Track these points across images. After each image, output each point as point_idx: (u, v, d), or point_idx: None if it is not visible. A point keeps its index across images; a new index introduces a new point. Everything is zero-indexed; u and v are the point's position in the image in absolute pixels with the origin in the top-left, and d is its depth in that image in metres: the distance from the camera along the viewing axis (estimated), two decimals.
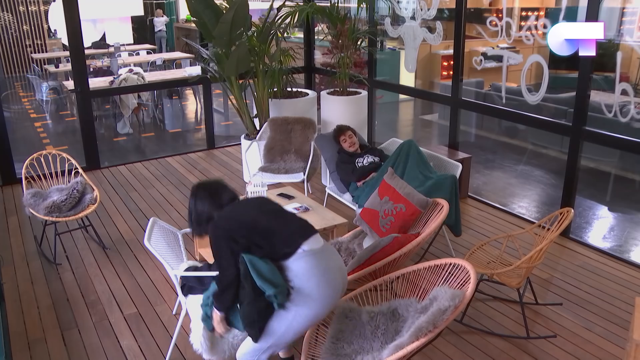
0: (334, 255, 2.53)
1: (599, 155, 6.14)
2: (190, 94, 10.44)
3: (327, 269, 2.42)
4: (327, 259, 2.45)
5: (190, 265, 3.17)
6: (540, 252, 3.16)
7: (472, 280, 2.39)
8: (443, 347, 3.25)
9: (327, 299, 2.41)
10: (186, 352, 3.22)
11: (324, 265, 2.41)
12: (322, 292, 2.38)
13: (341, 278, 2.49)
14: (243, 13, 5.18)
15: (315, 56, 7.41)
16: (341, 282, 2.48)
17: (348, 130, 4.74)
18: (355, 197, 4.40)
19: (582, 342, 3.31)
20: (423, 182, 4.05)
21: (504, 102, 4.97)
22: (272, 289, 2.32)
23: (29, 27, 13.12)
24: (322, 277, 2.39)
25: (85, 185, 4.44)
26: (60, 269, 4.22)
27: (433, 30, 5.40)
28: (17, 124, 8.91)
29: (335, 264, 2.49)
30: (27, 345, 3.35)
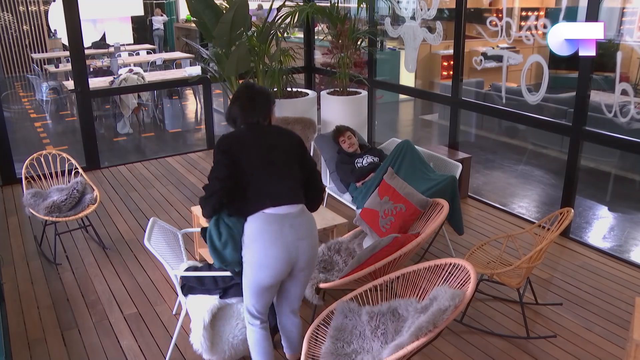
0: (300, 227, 2.50)
1: (599, 155, 6.14)
2: (190, 94, 10.44)
3: (279, 237, 2.44)
4: (285, 226, 2.45)
5: (190, 265, 3.17)
6: (540, 252, 3.16)
7: (472, 280, 2.39)
8: (443, 347, 3.26)
9: (269, 268, 2.46)
10: (186, 352, 3.22)
11: (277, 232, 2.44)
12: (263, 258, 2.46)
13: (293, 251, 2.48)
14: (243, 13, 5.19)
15: (315, 56, 7.41)
16: (288, 253, 2.47)
17: (347, 131, 4.73)
18: (354, 197, 4.40)
19: (582, 342, 3.31)
20: (422, 182, 4.04)
21: (504, 102, 4.97)
22: (218, 263, 2.56)
23: (29, 27, 13.12)
24: (269, 242, 2.44)
25: (85, 185, 4.44)
26: (60, 269, 4.22)
27: (433, 30, 5.40)
28: (17, 124, 8.91)
29: (295, 234, 2.47)
30: (27, 345, 3.35)
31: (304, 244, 2.51)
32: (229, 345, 2.93)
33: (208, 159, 6.69)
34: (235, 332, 2.94)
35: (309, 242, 2.54)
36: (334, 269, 3.38)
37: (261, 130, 2.63)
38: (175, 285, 3.13)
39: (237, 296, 3.00)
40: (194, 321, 2.93)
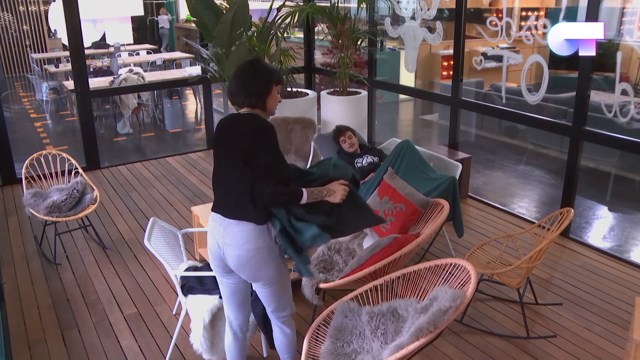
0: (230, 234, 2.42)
1: (599, 155, 6.14)
2: (190, 94, 10.44)
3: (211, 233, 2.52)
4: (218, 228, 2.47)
5: (190, 265, 3.17)
6: (540, 252, 3.16)
7: (473, 280, 2.38)
8: (443, 347, 3.26)
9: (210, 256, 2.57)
10: (186, 352, 3.22)
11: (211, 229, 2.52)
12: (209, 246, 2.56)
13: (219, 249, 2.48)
14: (243, 13, 5.19)
15: (315, 56, 7.41)
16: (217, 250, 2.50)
17: (347, 131, 4.74)
18: None
19: (582, 342, 3.31)
20: (423, 182, 4.04)
21: (504, 102, 4.97)
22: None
23: (29, 27, 13.11)
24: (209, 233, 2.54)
25: (85, 185, 4.44)
26: (60, 269, 4.22)
27: (433, 30, 5.40)
28: (17, 124, 8.91)
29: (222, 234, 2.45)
30: (27, 345, 3.35)
31: (229, 249, 2.44)
32: None
33: (208, 158, 6.69)
34: None
35: (234, 251, 2.42)
36: (334, 269, 3.38)
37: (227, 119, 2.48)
38: (175, 285, 3.13)
39: None
40: (194, 321, 2.93)
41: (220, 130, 2.49)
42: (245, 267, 2.44)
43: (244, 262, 2.43)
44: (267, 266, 2.46)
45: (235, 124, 2.43)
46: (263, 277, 2.48)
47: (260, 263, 2.44)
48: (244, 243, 2.40)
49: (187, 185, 5.82)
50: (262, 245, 2.41)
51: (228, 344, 2.77)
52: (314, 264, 3.36)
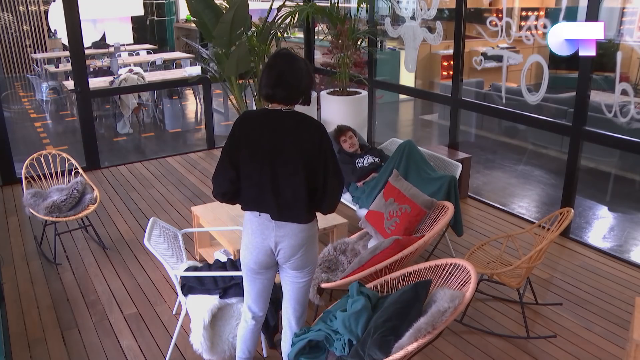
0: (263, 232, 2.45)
1: (599, 155, 6.14)
2: (190, 94, 10.44)
3: (259, 232, 2.45)
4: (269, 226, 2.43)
5: (190, 265, 3.17)
6: (540, 252, 3.16)
7: (473, 280, 2.39)
8: (443, 347, 3.26)
9: (252, 253, 2.50)
10: (186, 352, 3.22)
11: (261, 229, 2.45)
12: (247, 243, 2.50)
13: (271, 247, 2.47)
14: (243, 13, 5.19)
15: (315, 56, 7.41)
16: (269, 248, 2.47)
17: (348, 130, 4.74)
18: (355, 197, 4.40)
19: (582, 342, 3.31)
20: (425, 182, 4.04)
21: (504, 102, 4.96)
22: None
23: (29, 27, 13.11)
24: (251, 234, 2.47)
25: (85, 185, 4.44)
26: (60, 269, 4.22)
27: (433, 30, 5.40)
28: (17, 124, 8.91)
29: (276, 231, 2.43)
30: (27, 345, 3.35)
31: (285, 240, 2.45)
32: (229, 345, 2.93)
33: (208, 158, 6.69)
34: (235, 332, 2.94)
35: (290, 241, 2.44)
36: (338, 269, 3.38)
37: (272, 116, 2.35)
38: (175, 285, 3.13)
39: (237, 296, 3.00)
40: (194, 321, 2.93)
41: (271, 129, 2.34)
42: (298, 254, 2.48)
43: (296, 250, 2.47)
44: (314, 252, 2.56)
45: (301, 125, 2.33)
46: (310, 262, 2.55)
47: (312, 248, 2.52)
48: (299, 232, 2.44)
49: (187, 185, 5.82)
50: (314, 232, 2.52)
51: (244, 334, 2.77)
52: (318, 263, 3.36)
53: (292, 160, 2.32)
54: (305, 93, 2.37)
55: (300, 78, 2.32)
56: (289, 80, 2.31)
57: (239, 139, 2.37)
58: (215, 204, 4.30)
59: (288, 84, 2.31)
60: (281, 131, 2.34)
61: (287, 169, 2.34)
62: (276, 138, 2.34)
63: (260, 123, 2.37)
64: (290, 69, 2.31)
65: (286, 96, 2.32)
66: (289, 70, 2.31)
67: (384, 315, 2.35)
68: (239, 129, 2.38)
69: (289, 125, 2.34)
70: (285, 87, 2.31)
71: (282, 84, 2.31)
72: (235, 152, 2.39)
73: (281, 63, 2.34)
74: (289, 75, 2.31)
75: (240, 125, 2.38)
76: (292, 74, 2.31)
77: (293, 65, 2.32)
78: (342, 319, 2.45)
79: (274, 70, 2.32)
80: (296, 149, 2.32)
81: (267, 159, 2.35)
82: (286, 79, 2.31)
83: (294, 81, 2.31)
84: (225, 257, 3.73)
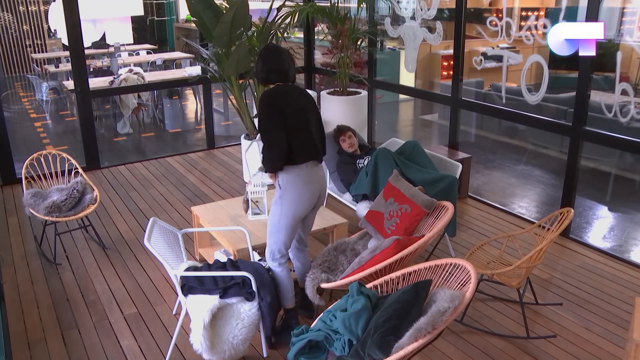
0: (320, 169, 3.20)
1: (599, 155, 6.14)
2: (190, 94, 10.44)
3: (309, 180, 3.10)
4: (314, 173, 3.14)
5: (190, 265, 3.17)
6: (540, 252, 3.16)
7: (473, 280, 2.39)
8: (443, 347, 3.26)
9: (304, 199, 3.12)
10: (186, 352, 3.22)
11: (310, 177, 3.10)
12: (301, 194, 3.09)
13: (319, 187, 3.19)
14: (243, 13, 5.18)
15: (315, 56, 7.41)
16: (318, 189, 3.18)
17: (348, 130, 4.73)
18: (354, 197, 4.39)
19: (582, 342, 3.31)
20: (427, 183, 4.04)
21: (504, 102, 4.97)
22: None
23: (29, 27, 13.11)
24: (304, 185, 3.09)
25: (85, 185, 4.44)
26: (60, 269, 4.22)
27: (433, 30, 5.40)
28: (17, 124, 8.91)
29: (318, 176, 3.18)
30: (27, 345, 3.35)
31: (324, 181, 3.26)
32: (229, 345, 2.93)
33: (208, 158, 6.70)
34: (235, 332, 2.95)
35: (325, 180, 3.31)
36: (338, 269, 3.38)
37: (296, 89, 3.12)
38: (175, 285, 3.13)
39: (237, 296, 3.00)
40: (194, 321, 2.93)
41: (300, 101, 3.09)
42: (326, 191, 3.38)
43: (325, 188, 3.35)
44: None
45: (304, 93, 3.18)
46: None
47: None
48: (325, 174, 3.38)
49: (187, 185, 5.82)
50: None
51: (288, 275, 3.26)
52: (318, 263, 3.36)
53: (313, 113, 3.17)
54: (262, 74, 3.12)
55: (292, 63, 3.14)
56: (286, 68, 3.08)
57: (280, 108, 2.98)
58: (215, 204, 4.30)
59: (294, 64, 3.13)
60: (298, 96, 3.12)
61: (313, 119, 3.15)
62: (300, 101, 3.11)
63: (286, 94, 3.05)
64: (286, 58, 3.09)
65: (287, 78, 3.10)
66: (289, 55, 3.12)
67: (384, 315, 2.35)
68: (276, 102, 2.99)
69: (300, 92, 3.16)
70: (293, 67, 3.12)
71: (292, 65, 3.11)
72: (281, 119, 2.97)
73: (283, 51, 3.11)
74: (286, 63, 3.09)
75: (276, 99, 3.01)
76: (287, 61, 3.09)
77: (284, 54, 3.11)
78: (342, 319, 2.45)
79: (282, 55, 3.08)
80: (309, 105, 3.16)
81: (302, 115, 3.08)
82: (292, 61, 3.12)
83: (289, 68, 3.10)
84: (225, 257, 3.73)
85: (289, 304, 3.31)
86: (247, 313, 2.99)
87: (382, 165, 4.20)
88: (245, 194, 4.03)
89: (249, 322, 2.98)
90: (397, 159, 4.26)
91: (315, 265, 3.34)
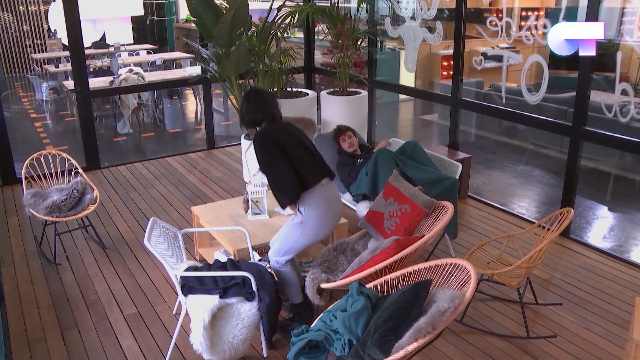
0: (334, 188, 3.27)
1: (599, 155, 6.14)
2: (190, 94, 10.44)
3: (331, 200, 3.19)
4: (332, 191, 3.22)
5: (190, 265, 3.17)
6: (540, 252, 3.16)
7: (473, 280, 2.39)
8: (443, 347, 3.26)
9: (327, 224, 3.20)
10: (186, 352, 3.22)
11: (330, 196, 3.19)
12: (324, 218, 3.17)
13: (338, 206, 3.27)
14: (243, 13, 5.19)
15: (315, 56, 7.41)
16: (338, 210, 3.27)
17: (347, 130, 4.73)
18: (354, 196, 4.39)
19: (582, 342, 3.31)
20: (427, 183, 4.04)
21: (504, 102, 4.97)
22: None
23: (29, 27, 13.11)
24: (326, 205, 3.16)
25: (85, 185, 4.44)
26: (60, 269, 4.22)
27: (433, 30, 5.40)
28: (17, 124, 8.91)
29: (335, 194, 3.26)
30: (27, 345, 3.35)
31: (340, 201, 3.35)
32: (229, 345, 2.93)
33: (208, 158, 6.70)
34: (235, 332, 2.95)
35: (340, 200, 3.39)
36: (338, 269, 3.37)
37: (284, 123, 3.27)
38: (175, 285, 3.13)
39: (237, 296, 3.00)
40: (194, 321, 2.93)
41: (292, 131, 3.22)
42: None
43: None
44: None
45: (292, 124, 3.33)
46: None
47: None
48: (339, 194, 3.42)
49: (187, 185, 5.82)
50: None
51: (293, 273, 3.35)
52: (318, 263, 3.36)
53: (307, 139, 3.27)
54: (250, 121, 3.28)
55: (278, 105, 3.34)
56: (275, 110, 3.26)
57: (276, 139, 3.09)
58: (215, 204, 4.30)
59: (278, 105, 3.30)
60: (288, 126, 3.28)
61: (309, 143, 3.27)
62: (291, 129, 3.25)
63: (282, 129, 3.21)
64: (274, 101, 3.28)
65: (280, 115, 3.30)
66: (272, 97, 3.32)
67: (384, 315, 2.35)
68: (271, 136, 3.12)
69: (288, 124, 3.31)
70: (278, 108, 3.29)
71: (277, 106, 3.29)
72: (280, 150, 3.07)
73: (266, 93, 3.32)
74: (275, 106, 3.28)
75: (270, 134, 3.14)
76: (275, 104, 3.28)
77: (272, 98, 3.31)
78: (342, 319, 2.45)
79: (265, 97, 3.26)
80: (301, 132, 3.28)
81: (298, 140, 3.19)
82: (276, 102, 3.30)
83: (277, 111, 3.29)
84: (225, 257, 3.73)
85: (298, 299, 3.37)
86: (247, 313, 2.99)
87: (382, 165, 4.20)
88: (245, 194, 4.03)
89: (249, 322, 2.98)
90: (397, 158, 4.26)
91: (315, 265, 3.33)
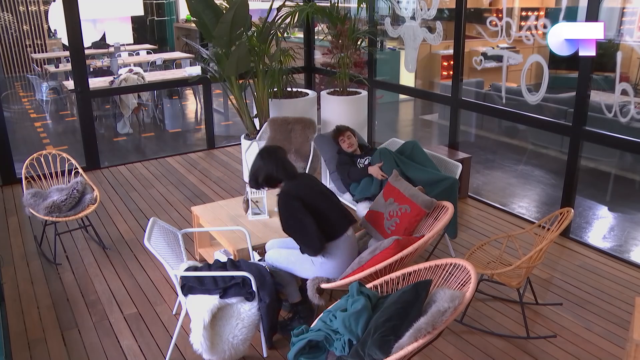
0: (354, 236, 3.37)
1: (599, 155, 6.14)
2: (190, 94, 10.44)
3: (353, 251, 3.26)
4: (354, 241, 3.31)
5: (190, 265, 3.17)
6: (540, 252, 3.16)
7: (473, 280, 2.39)
8: (443, 347, 3.26)
9: (341, 271, 3.19)
10: (186, 352, 3.22)
11: (352, 246, 3.27)
12: (341, 268, 3.19)
13: (356, 253, 3.30)
14: (243, 13, 5.18)
15: (315, 56, 7.40)
16: (355, 255, 3.25)
17: (347, 130, 4.73)
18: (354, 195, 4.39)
19: (582, 342, 3.31)
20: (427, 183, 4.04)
21: (504, 102, 4.96)
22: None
23: (29, 27, 13.11)
24: (348, 257, 3.21)
25: (85, 185, 4.44)
26: (60, 269, 4.22)
27: (433, 30, 5.40)
28: (17, 124, 8.91)
29: (355, 243, 3.35)
30: (27, 345, 3.35)
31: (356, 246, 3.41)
32: (229, 345, 2.93)
33: (208, 158, 6.70)
34: (235, 332, 2.95)
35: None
36: None
37: (301, 178, 3.34)
38: (175, 285, 3.13)
39: (237, 296, 3.00)
40: (194, 321, 2.93)
41: (312, 184, 3.31)
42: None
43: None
44: None
45: (308, 175, 3.55)
46: None
47: None
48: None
49: (187, 185, 5.82)
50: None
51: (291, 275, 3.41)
52: None
53: (325, 188, 3.39)
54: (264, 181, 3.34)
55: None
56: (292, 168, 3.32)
57: (298, 197, 3.15)
58: (215, 204, 4.30)
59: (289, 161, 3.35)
60: (309, 180, 3.39)
61: (328, 192, 3.37)
62: (313, 184, 3.33)
63: (304, 186, 3.28)
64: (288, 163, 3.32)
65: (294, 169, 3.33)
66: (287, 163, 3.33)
67: (384, 315, 2.35)
68: (294, 193, 3.18)
69: (303, 175, 3.48)
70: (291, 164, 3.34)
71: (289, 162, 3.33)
72: (303, 205, 3.12)
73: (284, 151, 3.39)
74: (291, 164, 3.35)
75: (292, 191, 3.20)
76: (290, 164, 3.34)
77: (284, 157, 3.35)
78: (342, 319, 2.45)
79: (286, 156, 3.35)
80: (318, 182, 3.40)
81: (318, 191, 3.28)
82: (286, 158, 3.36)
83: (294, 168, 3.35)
84: (225, 257, 3.73)
85: (296, 298, 3.38)
86: (247, 313, 2.99)
87: (383, 165, 4.21)
88: (245, 194, 4.03)
89: (249, 322, 2.98)
90: (397, 158, 4.26)
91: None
